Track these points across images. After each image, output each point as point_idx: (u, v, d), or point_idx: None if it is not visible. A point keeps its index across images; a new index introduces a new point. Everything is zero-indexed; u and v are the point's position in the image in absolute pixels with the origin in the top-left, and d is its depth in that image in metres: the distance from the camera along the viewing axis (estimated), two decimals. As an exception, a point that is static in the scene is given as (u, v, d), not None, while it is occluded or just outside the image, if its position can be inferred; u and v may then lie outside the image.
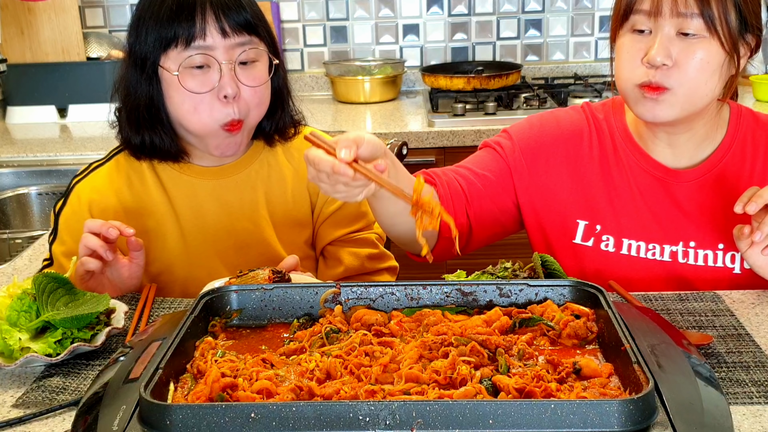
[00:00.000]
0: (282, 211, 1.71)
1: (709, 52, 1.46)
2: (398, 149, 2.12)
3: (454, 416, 0.93)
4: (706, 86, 1.48)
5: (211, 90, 1.53)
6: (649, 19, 1.47)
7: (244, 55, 1.54)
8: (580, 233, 1.65)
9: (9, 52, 3.13)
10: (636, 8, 1.48)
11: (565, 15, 3.51)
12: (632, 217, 1.63)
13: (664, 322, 1.25)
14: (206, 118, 1.54)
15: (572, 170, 1.66)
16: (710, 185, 1.60)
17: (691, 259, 1.60)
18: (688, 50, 1.46)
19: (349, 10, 3.50)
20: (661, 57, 1.45)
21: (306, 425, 0.93)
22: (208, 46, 1.51)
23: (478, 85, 3.12)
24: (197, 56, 1.51)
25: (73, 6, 3.15)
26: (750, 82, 3.13)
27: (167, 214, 1.66)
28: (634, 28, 1.50)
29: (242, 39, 1.54)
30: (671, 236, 1.61)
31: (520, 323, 1.21)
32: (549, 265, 1.43)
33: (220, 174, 1.68)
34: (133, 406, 0.99)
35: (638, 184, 1.63)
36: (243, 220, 1.68)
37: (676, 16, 1.45)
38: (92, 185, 1.67)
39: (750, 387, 1.17)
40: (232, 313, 1.27)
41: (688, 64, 1.46)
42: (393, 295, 1.28)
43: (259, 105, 1.59)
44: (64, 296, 1.36)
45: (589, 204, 1.65)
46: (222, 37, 1.52)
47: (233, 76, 1.53)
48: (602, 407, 0.93)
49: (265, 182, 1.71)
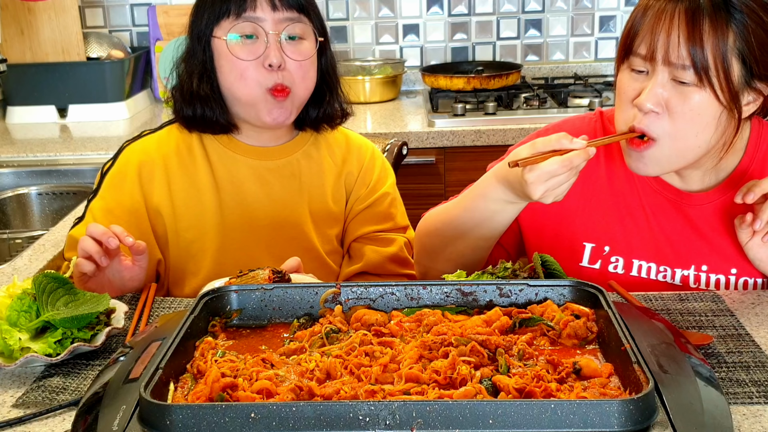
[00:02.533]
0: (319, 202, 1.76)
1: (703, 102, 1.38)
2: (398, 149, 2.12)
3: (454, 416, 0.93)
4: (696, 138, 1.41)
5: (257, 58, 1.61)
6: (645, 62, 1.41)
7: (290, 29, 1.62)
8: (587, 256, 1.61)
9: (9, 52, 3.13)
10: (634, 50, 1.43)
11: (565, 15, 3.51)
12: (643, 238, 1.58)
13: (664, 322, 1.25)
14: (253, 83, 1.62)
15: (579, 191, 1.57)
16: (726, 208, 1.54)
17: (702, 283, 1.55)
18: (680, 98, 1.39)
19: (349, 10, 3.50)
20: (650, 104, 1.39)
21: (306, 425, 0.93)
22: (257, 17, 1.61)
23: (478, 85, 3.12)
24: (246, 25, 1.61)
25: (73, 6, 3.15)
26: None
27: (209, 184, 1.71)
28: (632, 68, 1.44)
29: (291, 15, 1.62)
30: (683, 259, 1.56)
31: (520, 323, 1.21)
32: (549, 265, 1.43)
33: (265, 155, 1.74)
34: (133, 406, 0.99)
35: (650, 204, 1.57)
36: (280, 202, 1.73)
37: (668, 64, 1.38)
38: (142, 148, 1.74)
39: (750, 387, 1.17)
40: (232, 313, 1.27)
41: (678, 113, 1.39)
42: (393, 295, 1.28)
43: (305, 79, 1.65)
44: (64, 296, 1.36)
45: (597, 225, 1.60)
46: (272, 10, 1.61)
47: (278, 47, 1.61)
48: (602, 407, 0.93)
49: (306, 172, 1.76)
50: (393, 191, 1.83)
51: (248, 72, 1.61)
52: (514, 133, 2.82)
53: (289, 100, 1.64)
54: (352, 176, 1.79)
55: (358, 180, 1.79)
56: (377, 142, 2.13)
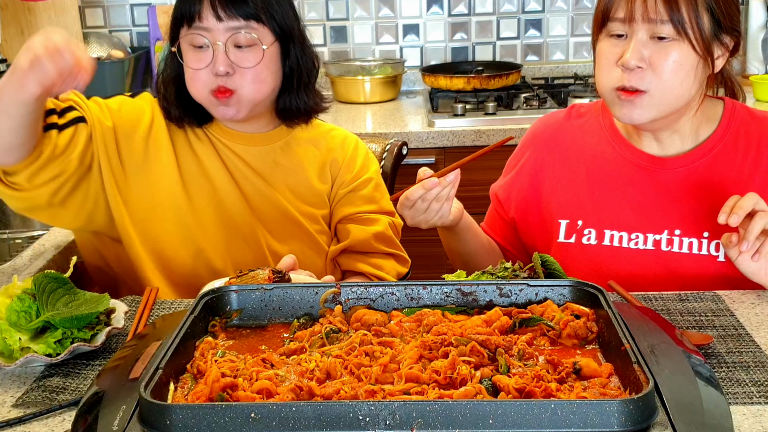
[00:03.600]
0: (303, 185, 1.81)
1: (682, 54, 1.51)
2: (398, 149, 2.12)
3: (454, 416, 0.93)
4: (681, 87, 1.53)
5: (206, 67, 1.67)
6: (623, 25, 1.53)
7: (235, 38, 1.66)
8: (563, 232, 1.70)
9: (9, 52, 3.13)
10: (612, 16, 1.54)
11: (565, 15, 3.51)
12: (614, 208, 1.66)
13: (664, 322, 1.25)
14: (200, 85, 1.70)
15: (554, 174, 1.73)
16: (698, 174, 1.63)
17: (675, 246, 1.62)
18: (661, 53, 1.51)
19: (349, 10, 3.50)
20: (634, 60, 1.51)
21: (306, 425, 0.93)
22: (205, 27, 1.67)
23: (478, 85, 3.12)
24: (196, 35, 1.67)
25: (73, 6, 3.15)
26: (750, 82, 3.13)
27: (196, 169, 1.76)
28: (611, 33, 1.55)
29: (237, 23, 1.66)
30: (656, 225, 1.64)
31: (520, 323, 1.21)
32: (549, 265, 1.43)
33: (249, 141, 1.79)
34: (133, 406, 0.99)
35: (622, 175, 1.67)
36: (263, 184, 1.78)
37: (647, 21, 1.50)
38: (156, 107, 1.80)
39: (750, 387, 1.17)
40: (232, 313, 1.27)
41: (661, 66, 1.51)
42: (393, 295, 1.28)
43: (256, 81, 1.69)
44: (64, 296, 1.36)
45: (570, 202, 1.70)
46: (217, 21, 1.66)
47: (224, 57, 1.66)
48: (602, 407, 0.93)
49: (290, 158, 1.81)
50: (377, 177, 1.88)
51: (198, 76, 1.69)
52: (514, 133, 2.81)
53: (234, 99, 1.69)
54: (336, 163, 1.84)
55: (343, 167, 1.84)
56: (377, 142, 2.13)
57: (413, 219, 1.59)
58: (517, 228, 1.81)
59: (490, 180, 1.92)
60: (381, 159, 2.10)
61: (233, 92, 1.68)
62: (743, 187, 1.60)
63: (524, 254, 1.81)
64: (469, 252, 1.75)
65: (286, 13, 1.73)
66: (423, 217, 1.57)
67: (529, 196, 1.76)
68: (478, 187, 2.26)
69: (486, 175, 2.43)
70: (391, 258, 1.85)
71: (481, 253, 1.76)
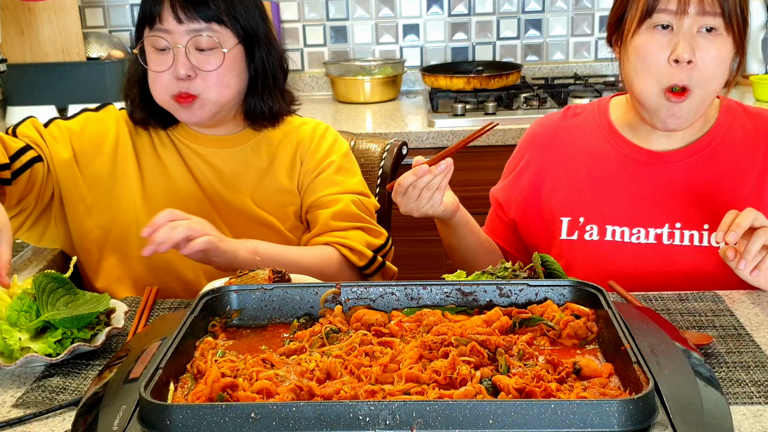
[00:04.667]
0: (274, 186, 1.79)
1: (724, 48, 1.52)
2: (398, 149, 2.12)
3: (454, 416, 0.93)
4: (717, 83, 1.54)
5: (167, 69, 1.65)
6: (673, 17, 1.50)
7: (196, 41, 1.65)
8: (565, 230, 1.70)
9: (9, 52, 3.13)
10: (660, 8, 1.50)
11: (565, 15, 3.51)
12: (615, 204, 1.67)
13: (664, 322, 1.25)
14: (161, 89, 1.68)
15: (554, 173, 1.74)
16: (697, 168, 1.64)
17: (676, 239, 1.63)
18: (708, 47, 1.51)
19: (349, 10, 3.50)
20: (688, 53, 1.49)
21: (306, 425, 0.93)
22: (166, 30, 1.65)
23: (478, 85, 3.12)
24: (157, 38, 1.66)
25: (73, 6, 3.14)
26: (750, 82, 3.13)
27: (159, 171, 1.76)
28: (656, 25, 1.51)
29: (197, 26, 1.64)
30: (656, 219, 1.65)
31: (520, 323, 1.21)
32: (549, 265, 1.43)
33: (217, 143, 1.78)
34: (133, 406, 0.99)
35: (621, 171, 1.68)
36: (232, 186, 1.77)
37: (701, 14, 1.49)
38: (122, 118, 1.80)
39: (750, 387, 1.17)
40: (232, 313, 1.27)
41: (707, 61, 1.51)
42: (393, 295, 1.28)
43: (219, 85, 1.67)
44: (65, 296, 1.36)
45: (571, 200, 1.71)
46: (177, 23, 1.64)
47: (185, 60, 1.64)
48: (602, 407, 0.93)
49: (260, 158, 1.79)
50: (340, 159, 1.83)
51: (159, 79, 1.67)
52: (514, 133, 2.82)
53: (196, 104, 1.67)
54: (303, 155, 1.82)
55: (307, 157, 1.82)
56: (377, 142, 2.13)
57: (405, 206, 1.58)
58: (518, 228, 1.81)
59: (488, 179, 1.92)
60: (381, 159, 2.10)
61: (195, 97, 1.66)
62: (740, 179, 1.63)
63: (525, 255, 1.82)
64: (466, 248, 1.75)
65: (251, 15, 1.70)
66: (414, 204, 1.56)
67: (530, 196, 1.77)
68: (477, 187, 2.26)
69: (485, 175, 2.44)
70: (359, 230, 1.78)
71: (479, 251, 1.76)
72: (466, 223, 1.72)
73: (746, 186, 1.63)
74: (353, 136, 2.16)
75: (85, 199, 1.73)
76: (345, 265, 1.74)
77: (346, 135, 2.17)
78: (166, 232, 1.46)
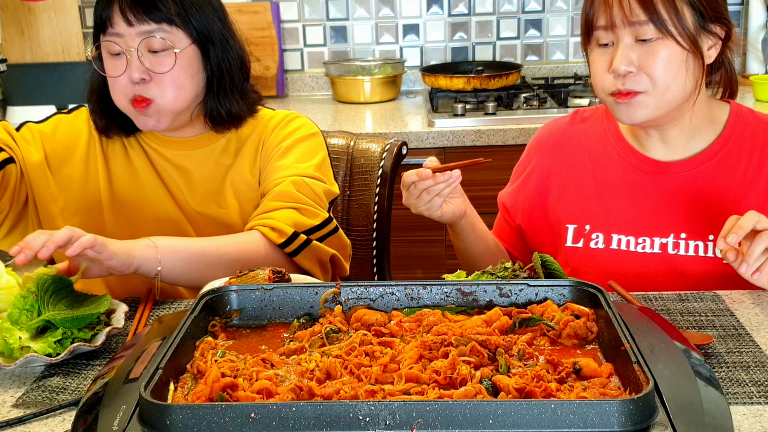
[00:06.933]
0: (244, 184, 1.76)
1: (669, 51, 1.53)
2: (398, 149, 2.12)
3: (454, 416, 0.93)
4: (675, 83, 1.55)
5: (122, 74, 1.64)
6: (607, 33, 1.56)
7: (147, 43, 1.63)
8: (570, 237, 1.72)
9: (9, 52, 3.13)
10: (595, 25, 1.57)
11: (565, 15, 3.51)
12: (621, 212, 1.68)
13: (664, 322, 1.25)
14: (119, 94, 1.67)
15: (561, 181, 1.75)
16: (703, 178, 1.64)
17: (681, 249, 1.64)
18: (648, 54, 1.53)
19: (349, 10, 3.50)
20: (623, 65, 1.54)
21: (306, 425, 0.93)
22: (117, 33, 1.64)
23: (478, 85, 3.12)
24: (110, 42, 1.64)
25: (73, 6, 3.15)
26: (750, 82, 3.13)
27: (126, 173, 1.76)
28: (599, 43, 1.58)
29: (148, 27, 1.63)
30: (662, 229, 1.65)
31: (520, 323, 1.21)
32: (549, 265, 1.43)
33: (183, 146, 1.76)
34: (133, 406, 0.99)
35: (628, 180, 1.69)
36: (199, 190, 1.75)
37: (628, 25, 1.53)
38: (89, 121, 1.79)
39: (750, 387, 1.17)
40: (232, 313, 1.27)
41: (651, 67, 1.53)
42: (393, 295, 1.28)
43: (174, 88, 1.66)
44: (66, 297, 1.36)
45: (578, 207, 1.72)
46: (127, 26, 1.63)
47: (138, 63, 1.63)
48: (602, 407, 0.93)
49: (231, 156, 1.77)
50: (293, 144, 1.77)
51: (116, 84, 1.66)
52: (514, 133, 2.82)
53: (152, 109, 1.66)
54: (265, 142, 1.79)
55: (266, 143, 1.78)
56: (377, 142, 2.13)
57: (406, 200, 1.63)
58: (524, 234, 1.82)
59: (489, 180, 1.92)
60: (381, 159, 2.10)
61: (151, 101, 1.64)
62: (747, 190, 1.62)
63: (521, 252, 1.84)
64: (471, 254, 1.76)
65: (205, 15, 1.68)
66: (413, 202, 1.62)
67: (536, 202, 1.78)
68: (478, 187, 2.26)
69: (486, 175, 2.44)
70: (290, 209, 1.68)
71: (486, 257, 1.76)
72: (471, 230, 1.72)
73: (753, 197, 1.62)
74: (353, 136, 2.16)
75: (56, 201, 1.72)
76: (269, 246, 1.64)
77: (346, 135, 2.17)
78: (43, 237, 1.39)
